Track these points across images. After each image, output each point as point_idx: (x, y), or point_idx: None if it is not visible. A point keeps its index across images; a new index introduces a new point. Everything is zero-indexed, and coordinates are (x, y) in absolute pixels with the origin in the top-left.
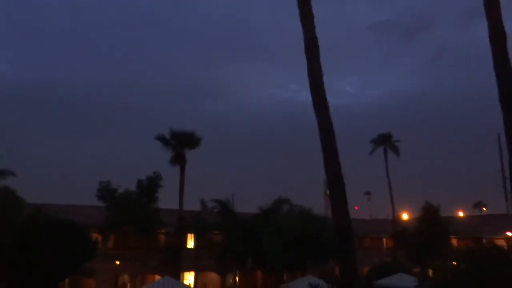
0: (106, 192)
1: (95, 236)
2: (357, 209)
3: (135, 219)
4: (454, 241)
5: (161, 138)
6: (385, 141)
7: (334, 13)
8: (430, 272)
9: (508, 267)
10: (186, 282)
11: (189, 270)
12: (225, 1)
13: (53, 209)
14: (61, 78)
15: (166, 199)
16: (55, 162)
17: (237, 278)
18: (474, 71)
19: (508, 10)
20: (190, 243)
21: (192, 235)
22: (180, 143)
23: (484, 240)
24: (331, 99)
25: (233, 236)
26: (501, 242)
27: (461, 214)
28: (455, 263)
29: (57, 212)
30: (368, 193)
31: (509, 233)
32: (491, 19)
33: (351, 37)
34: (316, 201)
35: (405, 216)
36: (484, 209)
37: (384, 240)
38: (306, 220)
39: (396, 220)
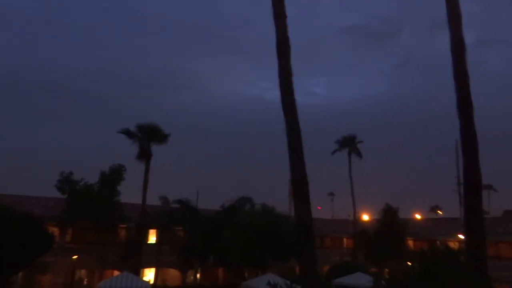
0: (66, 183)
1: (52, 229)
2: (320, 209)
3: (94, 212)
4: (410, 243)
5: (126, 132)
6: (349, 143)
7: (306, 14)
8: (386, 272)
9: (458, 267)
10: (146, 278)
11: (149, 266)
12: None
13: (8, 200)
14: (19, 63)
15: (132, 194)
16: (13, 150)
17: (198, 275)
18: (437, 78)
19: (469, 23)
20: (152, 239)
21: (154, 230)
22: (146, 137)
23: (438, 242)
24: (299, 99)
25: (195, 233)
26: (453, 244)
27: (418, 216)
28: (410, 264)
29: (13, 203)
30: (331, 194)
31: (460, 236)
32: (453, 30)
33: (322, 39)
34: (281, 199)
35: (365, 217)
36: (440, 212)
37: (345, 240)
38: (269, 218)
39: (357, 220)
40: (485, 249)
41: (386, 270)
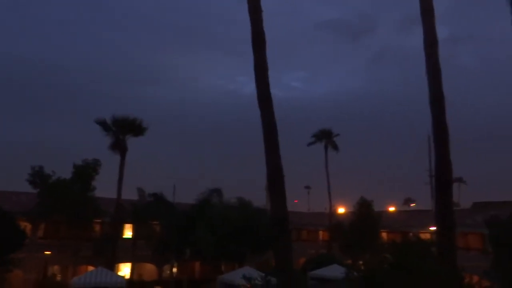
0: (38, 177)
1: (24, 224)
2: (297, 202)
3: (68, 206)
4: (384, 235)
5: (101, 123)
6: (325, 137)
7: (284, 9)
8: (360, 264)
9: (429, 258)
10: (121, 273)
11: (125, 261)
12: None
13: None
14: None
15: (109, 188)
16: None
17: (174, 269)
18: (412, 74)
19: (442, 19)
20: (128, 233)
21: (130, 225)
22: (122, 130)
23: (410, 234)
24: (278, 93)
25: (170, 227)
26: (426, 236)
27: (392, 209)
28: (383, 255)
29: None
30: (308, 187)
31: (432, 228)
32: (426, 27)
33: (300, 33)
34: (259, 193)
35: (341, 210)
36: (413, 205)
37: (321, 232)
38: (245, 212)
39: (333, 213)
40: (455, 240)
41: (360, 262)
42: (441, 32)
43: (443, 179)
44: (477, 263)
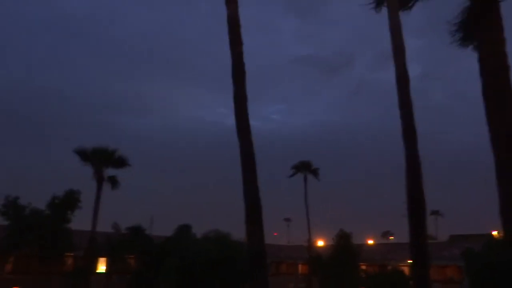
0: (11, 208)
1: None
2: (277, 235)
3: (40, 240)
4: (363, 267)
5: (81, 153)
6: (305, 168)
7: (262, 43)
8: None
9: None
10: None
11: None
12: (161, 19)
13: None
14: None
15: (85, 220)
16: None
17: None
18: (388, 107)
19: (413, 57)
20: (102, 268)
21: (104, 259)
22: (101, 161)
23: (389, 267)
24: (258, 125)
25: (146, 261)
26: (404, 269)
27: (371, 242)
28: None
29: None
30: (288, 219)
31: (409, 261)
32: (397, 63)
33: (281, 67)
34: (238, 226)
35: (320, 243)
36: (392, 237)
37: (300, 266)
38: (222, 245)
39: (312, 246)
40: (429, 272)
41: None
42: (414, 69)
43: (415, 210)
44: None
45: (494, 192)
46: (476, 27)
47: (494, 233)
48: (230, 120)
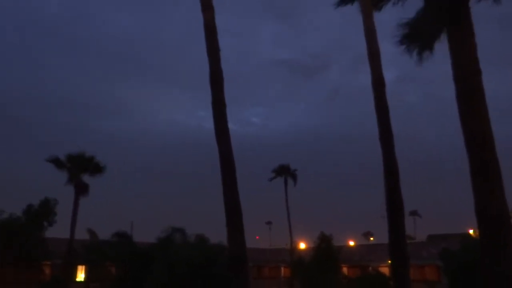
0: None
1: None
2: (258, 239)
3: (15, 248)
4: (344, 269)
5: (55, 161)
6: (285, 172)
7: (240, 47)
8: None
9: None
10: None
11: None
12: (140, 22)
13: None
14: None
15: (63, 227)
16: None
17: None
18: (363, 110)
19: (389, 60)
20: (81, 276)
21: (83, 267)
22: (77, 167)
23: (370, 268)
24: (237, 129)
25: (128, 268)
26: (385, 269)
27: (351, 243)
28: None
29: None
30: (269, 223)
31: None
32: (373, 68)
33: (259, 70)
34: (219, 230)
35: (302, 245)
36: (372, 238)
37: (282, 269)
38: (203, 250)
39: (294, 249)
40: (409, 272)
41: None
42: (390, 73)
43: (393, 210)
44: None
45: (470, 191)
46: (450, 33)
47: (471, 231)
48: (209, 124)
